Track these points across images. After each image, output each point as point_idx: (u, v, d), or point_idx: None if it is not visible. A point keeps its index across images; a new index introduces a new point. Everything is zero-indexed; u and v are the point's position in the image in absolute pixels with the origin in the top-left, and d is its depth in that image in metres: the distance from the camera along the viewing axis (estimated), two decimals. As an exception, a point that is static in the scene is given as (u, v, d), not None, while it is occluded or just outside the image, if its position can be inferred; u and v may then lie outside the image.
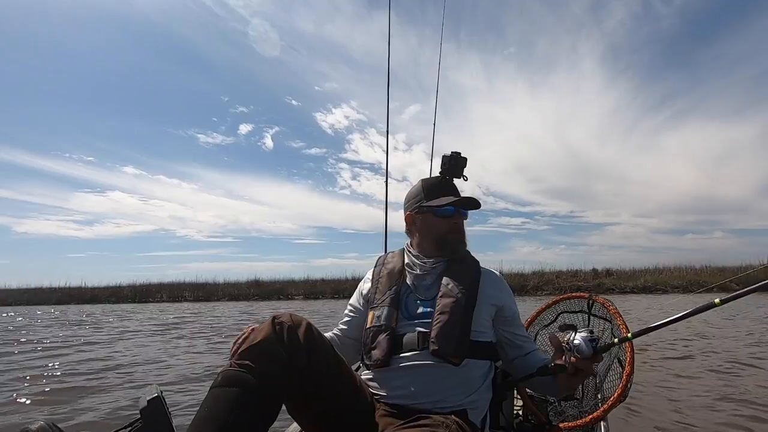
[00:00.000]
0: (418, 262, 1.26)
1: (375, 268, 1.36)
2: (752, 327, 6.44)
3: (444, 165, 1.29)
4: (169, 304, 19.16)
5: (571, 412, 1.41)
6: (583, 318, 1.52)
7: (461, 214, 1.27)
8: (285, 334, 0.96)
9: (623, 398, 1.25)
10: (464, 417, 1.06)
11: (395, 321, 1.18)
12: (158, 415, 0.91)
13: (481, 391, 1.15)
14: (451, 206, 1.24)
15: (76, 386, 3.82)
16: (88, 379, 4.08)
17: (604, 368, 1.40)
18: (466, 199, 1.27)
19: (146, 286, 23.01)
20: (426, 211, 1.27)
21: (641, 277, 17.96)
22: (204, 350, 5.82)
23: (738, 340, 5.37)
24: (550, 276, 18.85)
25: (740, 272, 17.00)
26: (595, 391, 1.42)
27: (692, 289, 16.39)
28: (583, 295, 1.53)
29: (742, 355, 4.37)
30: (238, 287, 22.43)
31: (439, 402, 1.07)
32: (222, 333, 7.58)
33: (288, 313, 1.03)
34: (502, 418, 1.41)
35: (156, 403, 0.91)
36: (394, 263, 1.32)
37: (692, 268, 18.60)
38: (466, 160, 1.30)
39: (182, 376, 4.17)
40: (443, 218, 1.25)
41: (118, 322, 10.28)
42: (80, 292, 23.08)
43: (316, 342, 1.01)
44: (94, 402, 3.31)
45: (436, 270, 1.24)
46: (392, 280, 1.26)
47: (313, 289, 21.43)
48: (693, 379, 3.50)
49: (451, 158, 1.27)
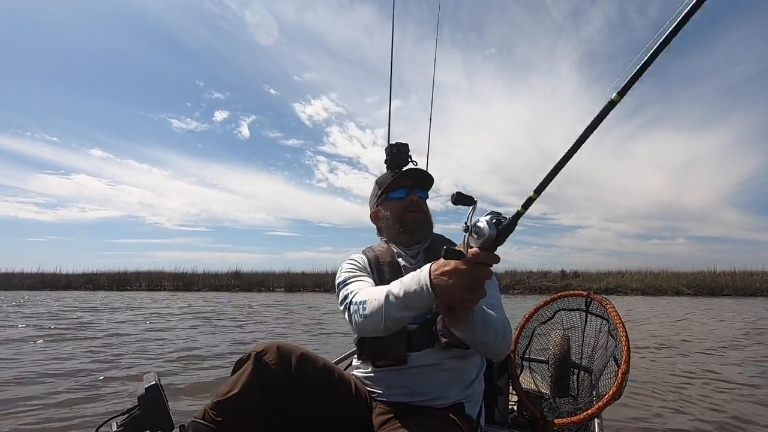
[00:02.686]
0: (403, 253, 1.20)
1: (368, 254, 1.20)
2: (749, 327, 6.65)
3: (388, 156, 1.26)
4: (149, 293, 18.39)
5: (566, 409, 1.38)
6: (581, 316, 1.49)
7: (414, 192, 1.21)
8: (271, 376, 0.90)
9: (618, 396, 1.23)
10: (461, 411, 1.04)
11: None
12: (156, 403, 0.89)
13: (475, 384, 1.12)
14: (402, 187, 1.20)
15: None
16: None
17: (601, 366, 1.38)
18: (412, 175, 1.20)
19: (123, 273, 21.97)
20: (384, 200, 1.24)
21: (605, 279, 18.63)
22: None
23: (737, 340, 5.51)
24: (521, 276, 19.28)
25: (691, 277, 17.95)
26: (591, 389, 1.39)
27: (649, 292, 17.21)
28: (581, 293, 1.50)
29: (741, 354, 4.48)
30: (218, 278, 21.79)
31: (438, 398, 1.04)
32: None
33: (275, 345, 0.95)
34: (497, 413, 1.37)
35: (153, 390, 0.90)
36: (388, 253, 1.20)
37: (651, 272, 19.45)
38: (407, 146, 1.26)
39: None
40: (398, 200, 1.21)
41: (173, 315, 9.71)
42: (54, 278, 21.80)
43: (309, 373, 0.95)
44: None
45: (419, 262, 1.18)
46: (395, 271, 1.15)
47: (294, 282, 21.09)
48: (690, 379, 3.54)
49: (392, 146, 1.25)
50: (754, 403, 2.89)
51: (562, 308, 1.56)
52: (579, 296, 1.51)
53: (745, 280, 17.20)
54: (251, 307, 10.70)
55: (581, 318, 1.50)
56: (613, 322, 1.34)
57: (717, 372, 3.76)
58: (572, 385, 1.47)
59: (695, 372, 3.77)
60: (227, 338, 5.70)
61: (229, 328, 6.73)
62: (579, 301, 1.51)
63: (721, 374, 3.67)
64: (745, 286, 16.76)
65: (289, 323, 7.50)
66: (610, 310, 1.37)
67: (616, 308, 1.37)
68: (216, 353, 4.57)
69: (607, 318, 1.39)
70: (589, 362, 1.48)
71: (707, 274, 18.46)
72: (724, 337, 5.78)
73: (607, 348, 1.38)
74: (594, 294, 1.47)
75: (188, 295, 17.09)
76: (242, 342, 5.41)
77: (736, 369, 3.91)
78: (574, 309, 1.53)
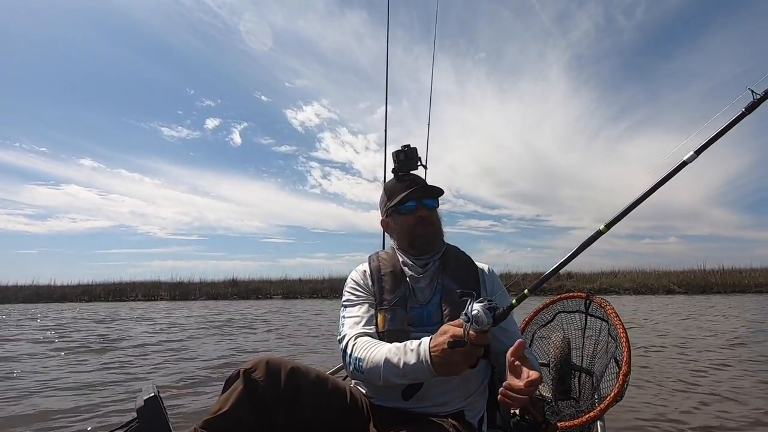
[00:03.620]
0: (410, 263, 1.18)
1: (371, 264, 1.21)
2: (752, 327, 6.59)
3: (395, 162, 1.22)
4: (148, 303, 18.11)
5: (568, 412, 1.36)
6: (581, 318, 1.48)
7: (424, 205, 1.16)
8: (261, 392, 0.90)
9: (620, 398, 1.22)
10: (461, 418, 1.02)
11: (406, 323, 1.08)
12: (155, 415, 0.89)
13: (479, 392, 1.10)
14: (411, 201, 1.16)
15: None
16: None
17: (602, 367, 1.36)
18: (420, 189, 1.16)
19: (119, 284, 21.65)
20: (392, 213, 1.20)
21: (598, 279, 18.72)
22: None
23: (738, 340, 5.43)
24: (516, 278, 19.30)
25: (681, 276, 18.10)
26: (592, 391, 1.38)
27: (641, 291, 17.31)
28: (580, 295, 1.49)
29: (742, 355, 4.42)
30: (215, 286, 21.55)
31: (439, 405, 1.03)
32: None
33: (264, 361, 0.94)
34: (499, 418, 1.34)
35: (153, 402, 0.89)
36: (392, 261, 1.19)
37: (643, 272, 19.59)
38: (416, 150, 1.22)
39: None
40: (407, 214, 1.17)
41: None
42: (49, 290, 21.42)
43: (300, 386, 0.94)
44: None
45: (428, 272, 1.16)
46: (398, 280, 1.15)
47: (291, 289, 20.91)
48: (690, 379, 3.49)
49: (400, 152, 1.20)
50: (764, 399, 2.85)
51: (561, 310, 1.55)
52: (578, 298, 1.50)
53: (733, 278, 17.37)
54: (260, 315, 10.63)
55: (581, 320, 1.49)
56: (613, 323, 1.33)
57: (722, 371, 3.73)
58: (574, 387, 1.45)
59: (700, 371, 3.74)
60: (257, 345, 5.65)
61: (263, 333, 6.62)
62: (578, 303, 1.49)
63: (726, 373, 3.64)
64: (734, 283, 16.92)
65: (311, 328, 7.47)
66: (610, 311, 1.36)
67: (616, 309, 1.36)
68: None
69: (607, 319, 1.37)
70: (590, 364, 1.46)
71: (697, 272, 18.63)
72: (732, 334, 5.73)
73: (608, 349, 1.36)
74: (593, 295, 1.46)
75: (191, 304, 16.94)
76: (272, 349, 5.38)
77: (742, 366, 3.89)
78: (573, 311, 1.51)
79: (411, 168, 1.21)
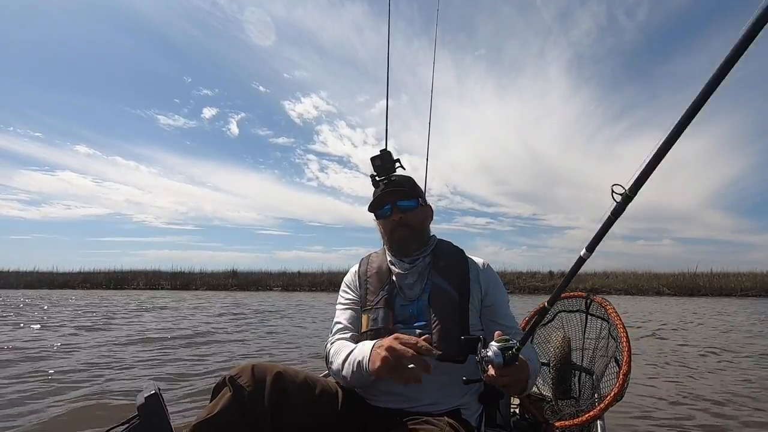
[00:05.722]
0: (397, 261, 1.17)
1: (360, 267, 1.24)
2: (753, 329, 6.60)
3: (373, 167, 1.20)
4: (151, 292, 17.99)
5: (568, 411, 1.33)
6: (581, 317, 1.45)
7: (398, 207, 1.15)
8: (246, 397, 0.88)
9: (620, 397, 1.19)
10: (458, 416, 1.00)
11: (391, 323, 1.07)
12: (156, 412, 0.87)
13: (474, 391, 1.08)
14: (387, 204, 1.16)
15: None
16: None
17: (602, 367, 1.34)
18: (394, 192, 1.15)
19: (121, 272, 21.57)
20: (376, 217, 1.22)
21: (590, 279, 18.77)
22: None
23: (738, 340, 5.45)
24: (511, 276, 19.34)
25: (671, 278, 18.20)
26: (592, 390, 1.35)
27: (632, 293, 17.38)
28: (581, 295, 1.46)
29: (741, 355, 4.43)
30: (216, 277, 21.48)
31: (434, 404, 1.01)
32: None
33: (249, 367, 0.93)
34: (499, 417, 1.32)
35: (153, 400, 0.88)
36: (379, 262, 1.21)
37: (635, 273, 19.64)
38: (391, 154, 1.20)
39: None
40: (385, 219, 1.18)
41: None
42: (51, 277, 21.31)
43: (287, 390, 0.92)
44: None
45: (416, 268, 1.14)
46: (382, 280, 1.15)
47: (291, 281, 20.88)
48: (691, 379, 3.48)
49: (376, 158, 1.19)
50: (764, 400, 2.84)
51: (562, 310, 1.52)
52: (579, 297, 1.47)
53: (721, 281, 17.49)
54: (280, 306, 10.50)
55: (581, 319, 1.46)
56: (614, 322, 1.30)
57: (723, 371, 3.73)
58: (574, 387, 1.42)
59: (700, 370, 3.74)
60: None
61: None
62: (579, 303, 1.47)
63: (726, 374, 3.64)
64: (721, 286, 17.05)
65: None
66: (611, 311, 1.33)
67: (616, 309, 1.33)
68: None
69: (608, 319, 1.35)
70: (591, 364, 1.43)
71: (687, 275, 18.72)
72: (733, 336, 5.75)
73: (608, 349, 1.34)
74: (594, 295, 1.43)
75: (204, 294, 16.74)
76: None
77: (744, 364, 3.89)
78: (574, 310, 1.48)
79: (389, 172, 1.19)
